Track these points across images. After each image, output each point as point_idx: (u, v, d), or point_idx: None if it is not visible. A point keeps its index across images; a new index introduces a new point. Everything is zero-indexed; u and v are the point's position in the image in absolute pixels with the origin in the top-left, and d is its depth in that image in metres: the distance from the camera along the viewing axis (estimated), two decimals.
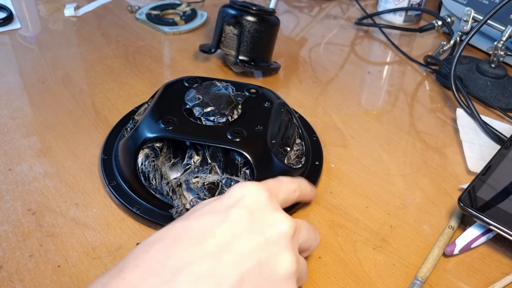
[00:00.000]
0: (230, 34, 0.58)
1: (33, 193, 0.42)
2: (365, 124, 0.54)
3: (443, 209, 0.43)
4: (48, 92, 0.55)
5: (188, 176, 0.42)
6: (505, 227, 0.37)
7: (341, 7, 0.83)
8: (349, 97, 0.58)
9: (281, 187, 0.34)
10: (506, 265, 0.38)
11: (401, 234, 0.40)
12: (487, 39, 0.67)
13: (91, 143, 0.48)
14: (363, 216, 0.42)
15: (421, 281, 0.36)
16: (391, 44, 0.71)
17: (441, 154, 0.50)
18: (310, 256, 0.38)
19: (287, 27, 0.75)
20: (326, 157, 0.48)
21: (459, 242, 0.38)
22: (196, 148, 0.43)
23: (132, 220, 0.40)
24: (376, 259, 0.38)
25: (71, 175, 0.44)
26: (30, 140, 0.48)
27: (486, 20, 0.54)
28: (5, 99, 0.54)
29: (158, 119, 0.42)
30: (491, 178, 0.42)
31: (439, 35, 0.75)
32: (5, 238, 0.38)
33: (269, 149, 0.41)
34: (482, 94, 0.58)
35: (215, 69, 0.63)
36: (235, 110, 0.44)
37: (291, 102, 0.56)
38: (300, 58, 0.67)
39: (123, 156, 0.43)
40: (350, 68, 0.65)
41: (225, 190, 0.41)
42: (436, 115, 0.56)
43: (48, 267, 0.36)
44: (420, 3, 0.75)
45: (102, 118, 0.52)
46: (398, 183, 0.46)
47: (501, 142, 0.50)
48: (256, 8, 0.57)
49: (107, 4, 0.78)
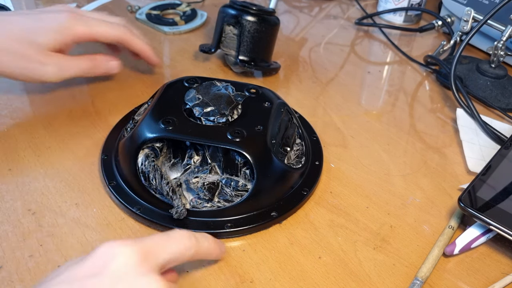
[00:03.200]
0: (230, 34, 0.58)
1: (33, 193, 0.42)
2: (365, 124, 0.54)
3: (443, 209, 0.43)
4: (48, 92, 0.55)
5: (188, 176, 0.42)
6: (505, 227, 0.37)
7: (341, 7, 0.83)
8: (349, 97, 0.58)
9: (167, 245, 0.30)
10: (506, 265, 0.38)
11: (401, 234, 0.40)
12: (487, 39, 0.67)
13: (91, 143, 0.48)
14: (363, 216, 0.42)
15: (421, 281, 0.36)
16: (391, 44, 0.71)
17: (441, 154, 0.50)
18: (310, 256, 0.38)
19: (287, 27, 0.75)
20: (326, 157, 0.48)
21: (459, 242, 0.38)
22: (196, 148, 0.43)
23: (132, 220, 0.40)
24: (376, 259, 0.38)
25: (71, 175, 0.44)
26: (30, 140, 0.48)
27: (486, 20, 0.54)
28: (5, 99, 0.54)
29: (158, 119, 0.42)
30: (491, 178, 0.42)
31: (439, 35, 0.75)
32: (5, 238, 0.38)
33: (269, 149, 0.41)
34: (482, 94, 0.58)
35: (215, 69, 0.63)
36: (235, 110, 0.44)
37: (291, 102, 0.56)
38: (300, 58, 0.67)
39: (123, 156, 0.43)
40: (350, 68, 0.65)
41: (225, 190, 0.41)
42: (436, 115, 0.56)
43: (48, 267, 0.36)
44: (420, 3, 0.75)
45: (102, 118, 0.52)
46: (398, 183, 0.46)
47: (501, 142, 0.50)
48: (256, 8, 0.57)
49: (107, 4, 0.78)
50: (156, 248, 0.29)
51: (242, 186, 0.42)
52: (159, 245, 0.30)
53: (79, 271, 0.27)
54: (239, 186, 0.42)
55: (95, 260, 0.27)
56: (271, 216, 0.40)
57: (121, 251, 0.27)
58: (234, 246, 0.39)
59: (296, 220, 0.41)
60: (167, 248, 0.30)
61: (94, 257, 0.28)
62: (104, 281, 0.26)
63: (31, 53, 0.44)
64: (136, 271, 0.27)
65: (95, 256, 0.28)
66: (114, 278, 0.26)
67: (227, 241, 0.39)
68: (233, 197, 0.41)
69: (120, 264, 0.27)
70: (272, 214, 0.40)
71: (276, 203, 0.41)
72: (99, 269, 0.27)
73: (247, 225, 0.39)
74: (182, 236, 0.31)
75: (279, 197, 0.41)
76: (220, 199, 0.41)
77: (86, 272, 0.27)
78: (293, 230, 0.40)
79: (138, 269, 0.27)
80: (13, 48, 0.43)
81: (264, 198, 0.41)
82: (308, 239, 0.39)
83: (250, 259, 0.38)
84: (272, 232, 0.40)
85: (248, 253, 0.38)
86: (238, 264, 0.37)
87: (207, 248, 0.34)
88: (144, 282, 0.27)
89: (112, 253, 0.27)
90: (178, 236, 0.31)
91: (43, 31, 0.44)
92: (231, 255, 0.38)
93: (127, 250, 0.27)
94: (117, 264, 0.27)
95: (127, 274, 0.27)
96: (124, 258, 0.27)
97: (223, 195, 0.41)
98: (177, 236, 0.31)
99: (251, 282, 0.36)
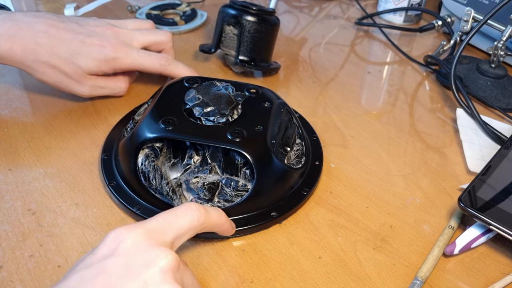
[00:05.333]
0: (230, 34, 0.58)
1: (33, 193, 0.42)
2: (365, 124, 0.54)
3: (443, 209, 0.43)
4: (48, 92, 0.55)
5: (188, 176, 0.42)
6: (505, 227, 0.37)
7: (341, 7, 0.83)
8: (349, 97, 0.58)
9: (173, 221, 0.31)
10: (506, 265, 0.38)
11: (401, 234, 0.40)
12: (487, 39, 0.67)
13: (91, 143, 0.48)
14: (363, 216, 0.42)
15: (421, 281, 0.36)
16: (391, 44, 0.71)
17: (441, 154, 0.50)
18: (310, 256, 0.38)
19: (287, 27, 0.75)
20: (326, 157, 0.48)
21: (459, 242, 0.38)
22: (196, 148, 0.43)
23: (132, 220, 0.40)
24: (376, 259, 0.38)
25: (71, 175, 0.44)
26: (30, 140, 0.48)
27: (486, 20, 0.54)
28: (5, 99, 0.54)
29: (158, 119, 0.42)
30: (491, 178, 0.42)
31: (439, 35, 0.75)
32: (5, 238, 0.38)
33: (269, 149, 0.41)
34: (482, 94, 0.58)
35: (215, 69, 0.63)
36: (235, 110, 0.44)
37: (291, 102, 0.56)
38: (300, 58, 0.67)
39: (123, 156, 0.43)
40: (350, 68, 0.65)
41: (225, 190, 0.41)
42: (436, 115, 0.56)
43: (48, 267, 0.36)
44: (420, 3, 0.75)
45: (102, 118, 0.52)
46: (398, 183, 0.46)
47: (501, 142, 0.50)
48: (256, 8, 0.57)
49: (107, 4, 0.78)
50: (163, 226, 0.31)
51: (242, 186, 0.42)
52: (165, 223, 0.31)
53: (94, 257, 0.29)
54: (239, 186, 0.42)
55: (106, 245, 0.29)
56: (271, 216, 0.40)
57: (128, 234, 0.29)
58: (234, 246, 0.39)
59: (296, 220, 0.41)
60: (174, 224, 0.31)
61: (105, 244, 0.29)
62: (120, 258, 0.28)
63: (72, 72, 0.49)
64: (146, 246, 0.29)
65: (105, 243, 0.29)
66: (128, 255, 0.28)
67: (227, 241, 0.39)
68: (233, 197, 0.41)
69: (130, 244, 0.29)
70: (272, 214, 0.40)
71: (276, 203, 0.41)
72: (112, 251, 0.29)
73: (247, 225, 0.39)
74: (189, 208, 0.32)
75: (279, 197, 0.41)
76: (220, 199, 0.41)
77: (100, 256, 0.29)
78: (293, 230, 0.40)
79: (147, 243, 0.29)
80: (57, 64, 0.49)
81: (264, 198, 0.41)
82: (308, 239, 0.39)
83: (250, 259, 0.38)
84: (272, 232, 0.40)
85: (248, 253, 0.38)
86: (238, 264, 0.37)
87: (217, 219, 0.34)
88: (155, 253, 0.28)
89: (121, 237, 0.29)
90: (185, 209, 0.32)
91: (87, 57, 0.49)
92: (231, 255, 0.38)
93: (133, 233, 0.29)
94: (127, 245, 0.29)
95: (138, 250, 0.28)
96: (132, 240, 0.29)
97: (223, 195, 0.41)
98: (184, 210, 0.32)
99: (251, 282, 0.36)
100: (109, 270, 0.28)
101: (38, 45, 0.47)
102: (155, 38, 0.54)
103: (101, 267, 0.28)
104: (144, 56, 0.52)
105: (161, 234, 0.30)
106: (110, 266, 0.28)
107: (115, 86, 0.53)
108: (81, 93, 0.51)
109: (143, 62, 0.52)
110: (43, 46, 0.48)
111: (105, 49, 0.50)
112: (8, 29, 0.47)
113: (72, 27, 0.50)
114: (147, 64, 0.52)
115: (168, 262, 0.28)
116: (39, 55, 0.48)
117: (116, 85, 0.53)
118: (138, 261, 0.28)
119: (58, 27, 0.49)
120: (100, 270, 0.28)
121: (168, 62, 0.53)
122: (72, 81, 0.50)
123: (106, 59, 0.50)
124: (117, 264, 0.28)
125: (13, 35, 0.47)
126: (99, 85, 0.52)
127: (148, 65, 0.52)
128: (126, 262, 0.28)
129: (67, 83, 0.50)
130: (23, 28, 0.47)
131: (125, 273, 0.27)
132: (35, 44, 0.47)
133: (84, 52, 0.49)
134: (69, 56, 0.48)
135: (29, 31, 0.47)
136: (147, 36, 0.54)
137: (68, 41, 0.49)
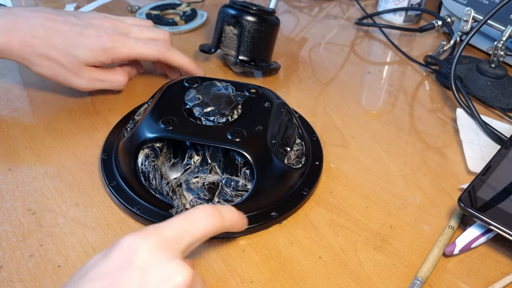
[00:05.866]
0: (230, 34, 0.58)
1: (33, 193, 0.42)
2: (365, 124, 0.54)
3: (443, 209, 0.43)
4: (48, 92, 0.55)
5: (188, 176, 0.42)
6: (505, 227, 0.37)
7: (341, 7, 0.83)
8: (349, 97, 0.58)
9: (189, 229, 0.30)
10: (506, 265, 0.38)
11: (401, 234, 0.40)
12: (487, 39, 0.67)
13: (91, 143, 0.48)
14: (363, 216, 0.42)
15: (421, 281, 0.36)
16: (391, 44, 0.71)
17: (441, 154, 0.50)
18: (310, 256, 0.38)
19: (287, 27, 0.75)
20: (326, 157, 0.48)
21: (459, 242, 0.38)
22: (196, 148, 0.43)
23: (132, 220, 0.40)
24: (376, 259, 0.38)
25: (71, 175, 0.44)
26: (30, 140, 0.48)
27: (486, 20, 0.54)
28: (5, 99, 0.54)
29: (158, 119, 0.42)
30: (491, 178, 0.42)
31: (439, 35, 0.75)
32: (5, 238, 0.38)
33: (269, 149, 0.41)
34: (482, 94, 0.58)
35: (215, 69, 0.63)
36: (235, 110, 0.44)
37: (291, 102, 0.56)
38: (300, 58, 0.67)
39: (123, 156, 0.43)
40: (350, 68, 0.65)
41: (225, 190, 0.41)
42: (436, 115, 0.56)
43: (48, 267, 0.36)
44: (420, 3, 0.75)
45: (102, 118, 0.52)
46: (398, 183, 0.46)
47: (501, 142, 0.50)
48: (256, 8, 0.57)
49: (107, 4, 0.78)
50: (178, 234, 0.30)
51: (242, 186, 0.42)
52: (181, 231, 0.30)
53: (106, 267, 0.28)
54: (239, 186, 0.42)
55: (119, 255, 0.28)
56: (271, 216, 0.40)
57: (143, 244, 0.28)
58: (234, 246, 0.39)
59: (296, 220, 0.41)
60: (189, 231, 0.30)
61: (117, 252, 0.28)
62: (134, 272, 0.27)
63: (69, 64, 0.49)
64: (161, 259, 0.28)
65: (118, 251, 0.28)
66: (144, 270, 0.27)
67: (227, 241, 0.39)
68: (233, 197, 0.41)
69: (146, 256, 0.28)
70: (272, 214, 0.40)
71: (276, 203, 0.41)
72: (126, 263, 0.27)
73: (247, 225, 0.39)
74: (205, 214, 0.31)
75: (279, 197, 0.41)
76: (220, 199, 0.41)
77: (114, 267, 0.27)
78: (293, 230, 0.40)
79: (162, 256, 0.28)
80: (54, 56, 0.48)
81: (264, 198, 0.41)
82: (308, 239, 0.39)
83: (250, 259, 0.38)
84: (272, 232, 0.40)
85: (248, 253, 0.38)
86: (238, 264, 0.37)
87: (231, 220, 0.33)
88: (171, 268, 0.28)
89: (135, 248, 0.28)
90: (200, 215, 0.31)
91: (84, 48, 0.49)
92: (231, 255, 0.38)
93: (148, 243, 0.28)
94: (141, 257, 0.28)
95: (154, 264, 0.27)
96: (147, 251, 0.28)
97: (223, 195, 0.41)
98: (199, 215, 0.31)
99: (251, 282, 0.36)
100: (123, 285, 0.27)
101: (35, 37, 0.47)
102: (153, 35, 0.53)
103: (115, 280, 0.27)
104: (142, 44, 0.51)
105: (176, 243, 0.29)
106: (125, 280, 0.27)
107: (114, 79, 0.53)
108: (79, 86, 0.51)
109: (141, 50, 0.51)
110: (40, 39, 0.47)
111: (101, 38, 0.49)
112: (6, 23, 0.47)
113: (70, 20, 0.49)
114: (145, 51, 0.51)
115: (184, 279, 0.27)
116: (36, 47, 0.47)
117: (115, 78, 0.53)
118: (154, 277, 0.27)
119: (56, 20, 0.49)
120: (114, 283, 0.27)
121: (166, 49, 0.53)
122: (70, 73, 0.49)
123: (103, 49, 0.49)
124: (132, 279, 0.27)
125: (11, 29, 0.47)
126: (97, 77, 0.51)
127: (146, 53, 0.51)
128: (142, 277, 0.27)
129: (65, 76, 0.50)
130: (20, 22, 0.47)
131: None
132: (32, 37, 0.47)
133: (81, 43, 0.48)
134: (66, 48, 0.48)
135: (26, 25, 0.47)
136: (145, 32, 0.53)
137: (65, 32, 0.48)
